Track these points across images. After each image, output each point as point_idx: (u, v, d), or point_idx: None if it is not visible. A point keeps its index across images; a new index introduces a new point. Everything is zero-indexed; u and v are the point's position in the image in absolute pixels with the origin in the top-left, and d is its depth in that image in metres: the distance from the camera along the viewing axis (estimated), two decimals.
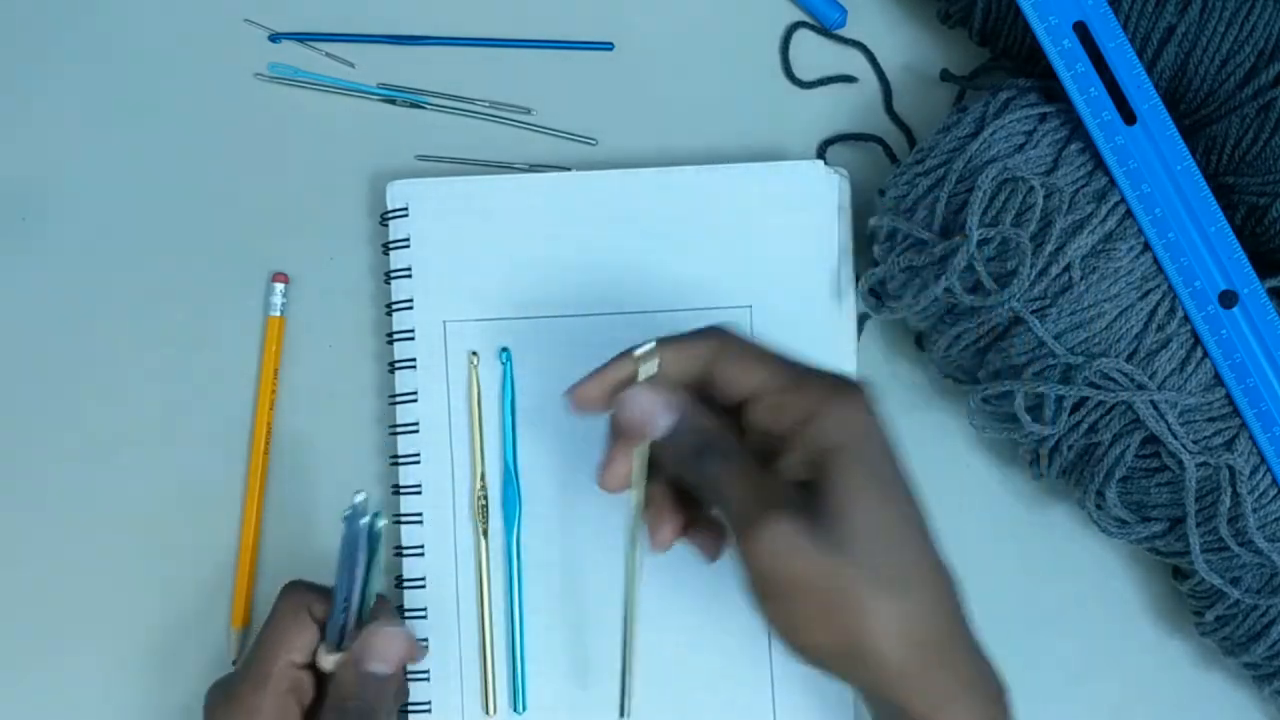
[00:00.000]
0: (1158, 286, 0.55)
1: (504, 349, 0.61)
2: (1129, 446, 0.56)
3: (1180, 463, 0.55)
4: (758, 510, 0.46)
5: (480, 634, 0.61)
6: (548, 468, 0.61)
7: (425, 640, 0.60)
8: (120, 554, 0.63)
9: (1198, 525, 0.55)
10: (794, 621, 0.46)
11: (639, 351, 0.49)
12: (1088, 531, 0.62)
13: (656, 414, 0.48)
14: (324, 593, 0.56)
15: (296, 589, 0.56)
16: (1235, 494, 0.54)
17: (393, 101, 0.64)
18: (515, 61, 0.65)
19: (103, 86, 0.65)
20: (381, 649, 0.53)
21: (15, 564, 0.63)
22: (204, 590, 0.63)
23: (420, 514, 0.61)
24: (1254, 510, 0.54)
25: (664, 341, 0.49)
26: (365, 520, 0.53)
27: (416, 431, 0.61)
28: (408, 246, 0.62)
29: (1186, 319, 0.55)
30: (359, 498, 0.52)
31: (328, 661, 0.55)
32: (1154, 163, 0.55)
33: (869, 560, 0.45)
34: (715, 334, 0.50)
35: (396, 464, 0.62)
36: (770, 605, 0.46)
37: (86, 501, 0.63)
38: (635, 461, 0.49)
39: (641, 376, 0.48)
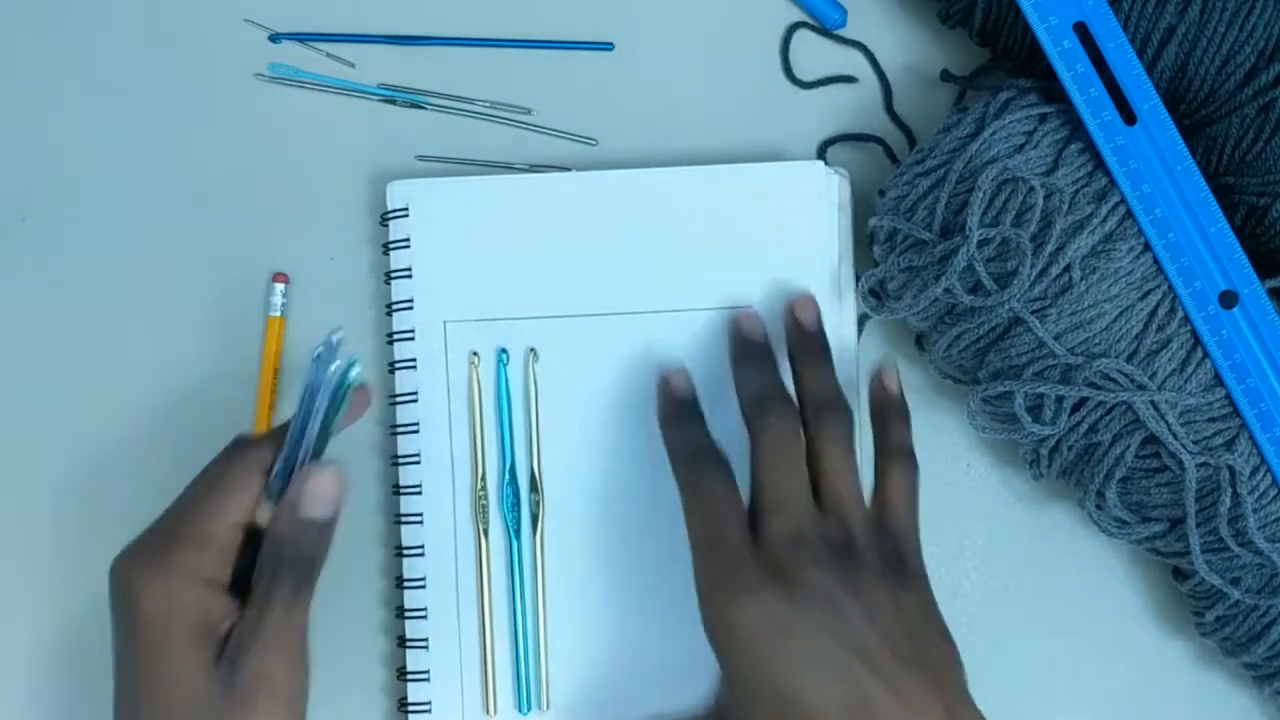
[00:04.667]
0: (1158, 287, 0.55)
1: (502, 350, 0.61)
2: (1129, 447, 0.56)
3: (1180, 463, 0.55)
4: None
5: (481, 634, 0.61)
6: (547, 466, 0.61)
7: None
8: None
9: (1198, 526, 0.55)
10: None
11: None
12: (1088, 531, 0.62)
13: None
14: (275, 449, 0.52)
15: (248, 446, 0.52)
16: (1235, 494, 0.54)
17: (393, 101, 0.64)
18: (515, 61, 0.65)
19: (103, 86, 0.65)
20: (320, 491, 0.51)
21: (16, 565, 0.63)
22: None
23: (420, 514, 0.61)
24: (1254, 511, 0.54)
25: (675, 425, 0.57)
26: (336, 366, 0.48)
27: (416, 432, 0.61)
28: (408, 247, 0.62)
29: (1186, 319, 0.55)
30: (336, 336, 0.48)
31: (267, 515, 0.51)
32: (1154, 163, 0.55)
33: None
34: (685, 468, 0.55)
35: (396, 464, 0.62)
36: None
37: (87, 501, 0.63)
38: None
39: None
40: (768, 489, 0.53)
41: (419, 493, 0.61)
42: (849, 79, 0.65)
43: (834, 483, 0.53)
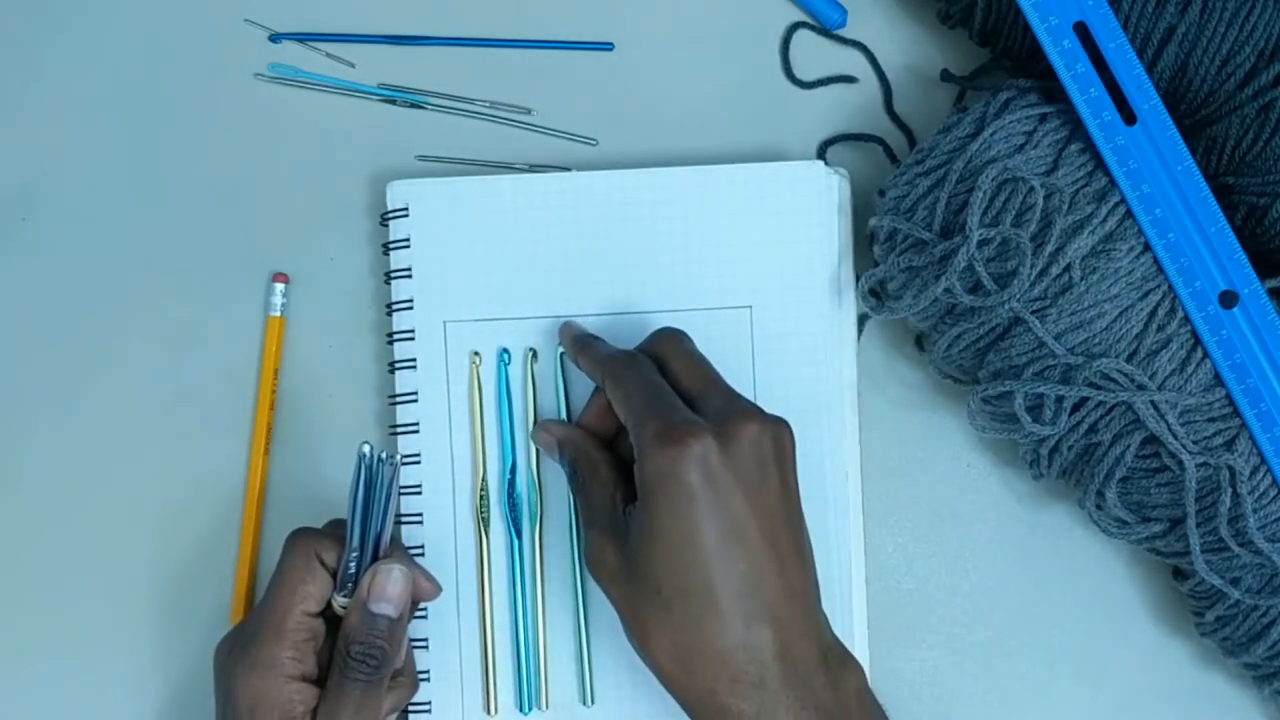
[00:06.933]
0: (1158, 287, 0.55)
1: (504, 350, 0.61)
2: (1129, 447, 0.56)
3: (1180, 463, 0.55)
4: (586, 528, 0.56)
5: (481, 634, 0.61)
6: (546, 466, 0.61)
7: (433, 579, 0.58)
8: (121, 554, 0.63)
9: (1198, 526, 0.55)
10: (624, 629, 0.53)
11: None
12: (1088, 531, 0.62)
13: (550, 448, 0.60)
14: (332, 538, 0.55)
15: (304, 537, 0.55)
16: (1235, 494, 0.55)
17: (393, 101, 0.64)
18: (515, 61, 0.65)
19: (103, 86, 0.65)
20: (385, 589, 0.54)
21: (17, 566, 0.63)
22: (205, 590, 0.63)
23: (420, 514, 0.61)
24: (1254, 510, 0.55)
25: (584, 349, 0.59)
26: (378, 463, 0.53)
27: (416, 432, 0.61)
28: (408, 246, 0.62)
29: (1186, 319, 0.55)
30: (365, 448, 0.53)
31: (342, 606, 0.55)
32: (1154, 163, 0.55)
33: (650, 585, 0.52)
34: (616, 362, 0.56)
35: None
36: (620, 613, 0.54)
37: (87, 502, 0.63)
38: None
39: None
40: (684, 386, 0.56)
41: (419, 492, 0.61)
42: (849, 79, 0.65)
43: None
